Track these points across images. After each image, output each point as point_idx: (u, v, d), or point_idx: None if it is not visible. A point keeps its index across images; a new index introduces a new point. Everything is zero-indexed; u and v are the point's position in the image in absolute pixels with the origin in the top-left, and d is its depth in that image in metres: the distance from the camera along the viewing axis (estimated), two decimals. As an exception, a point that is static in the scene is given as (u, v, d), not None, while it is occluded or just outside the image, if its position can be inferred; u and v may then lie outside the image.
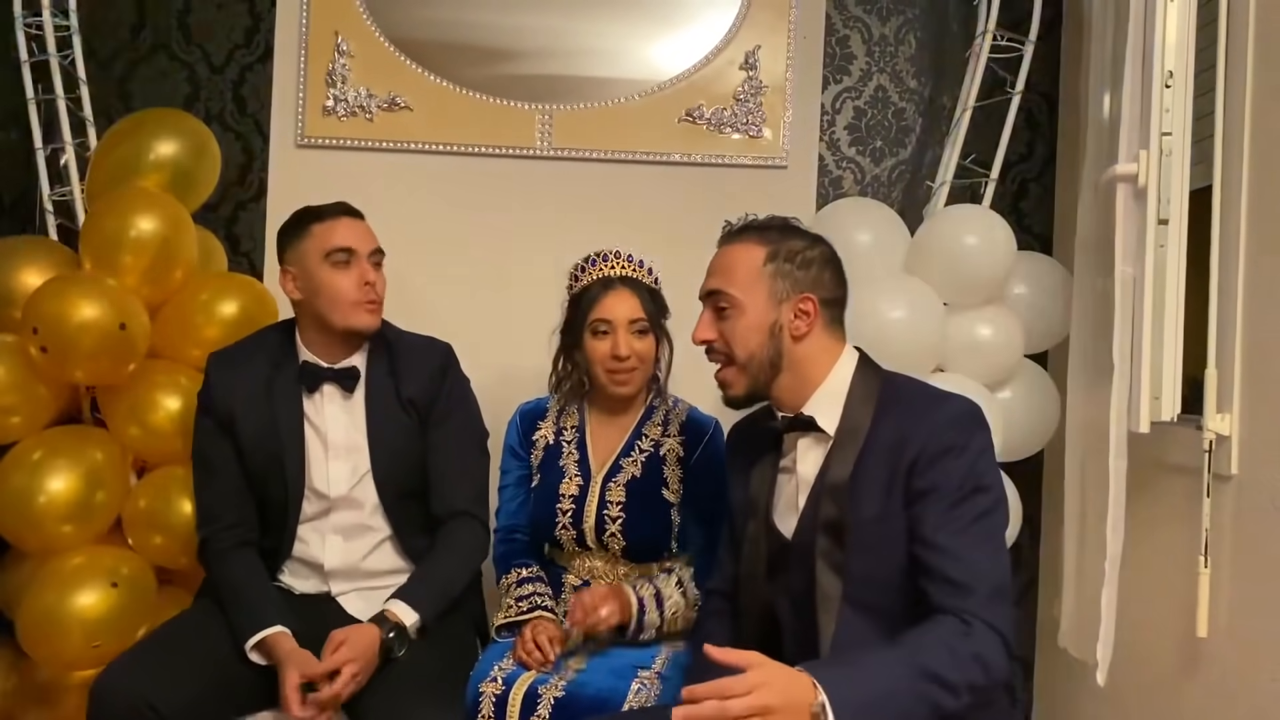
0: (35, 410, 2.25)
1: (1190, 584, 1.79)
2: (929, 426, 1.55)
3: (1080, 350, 2.11)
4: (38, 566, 2.21)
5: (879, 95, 2.77)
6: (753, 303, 1.64)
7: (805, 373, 1.65)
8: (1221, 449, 1.77)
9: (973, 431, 1.57)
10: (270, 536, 2.07)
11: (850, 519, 1.57)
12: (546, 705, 1.81)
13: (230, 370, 2.07)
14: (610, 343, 2.05)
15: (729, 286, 1.66)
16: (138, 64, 2.75)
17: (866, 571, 1.57)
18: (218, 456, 2.05)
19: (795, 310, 1.63)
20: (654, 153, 2.71)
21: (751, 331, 1.64)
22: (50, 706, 2.25)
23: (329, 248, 2.00)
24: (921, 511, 1.53)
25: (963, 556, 1.49)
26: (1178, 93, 1.79)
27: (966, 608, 1.46)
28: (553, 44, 2.73)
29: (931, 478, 1.53)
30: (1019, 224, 2.70)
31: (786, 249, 1.66)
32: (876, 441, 1.59)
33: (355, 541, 2.06)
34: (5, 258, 2.34)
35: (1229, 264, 1.78)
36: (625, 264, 2.11)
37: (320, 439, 2.06)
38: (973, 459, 1.54)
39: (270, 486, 2.05)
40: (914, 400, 1.63)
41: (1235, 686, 1.73)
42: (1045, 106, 2.74)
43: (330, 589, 2.07)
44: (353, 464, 2.05)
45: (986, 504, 1.54)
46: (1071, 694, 2.46)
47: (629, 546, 2.06)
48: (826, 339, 1.67)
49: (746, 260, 1.66)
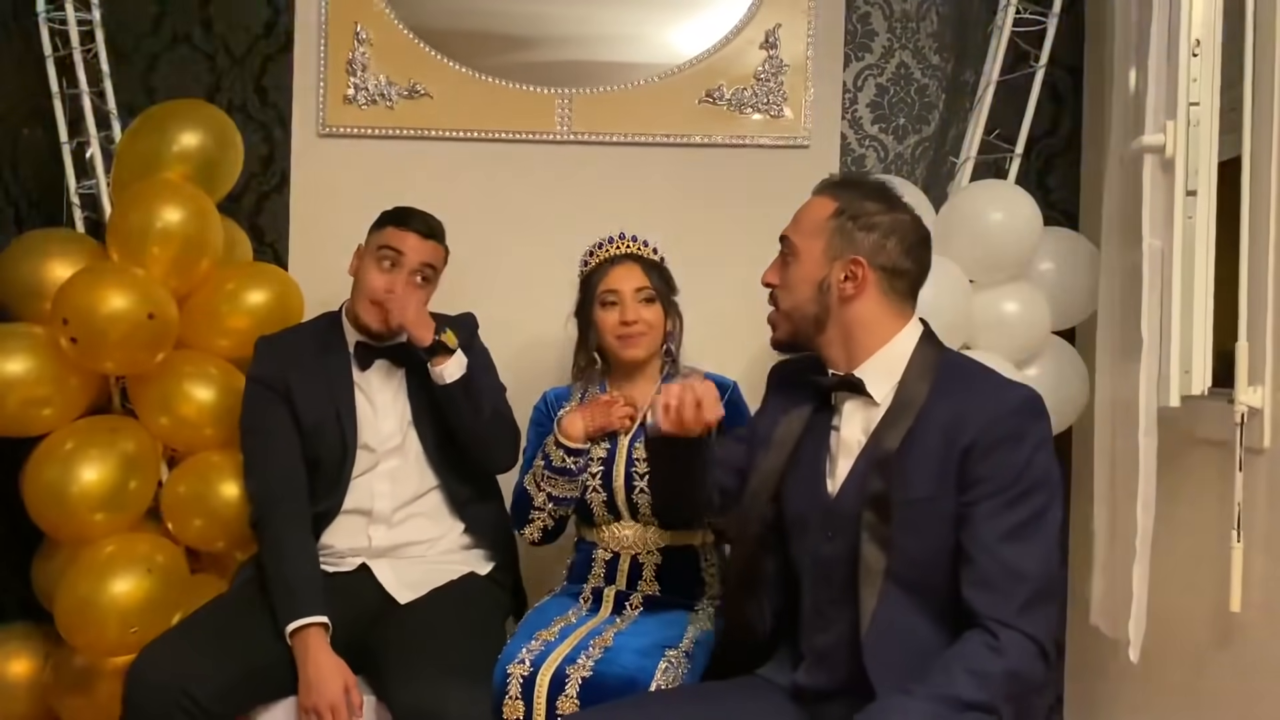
0: (67, 401, 2.28)
1: (1223, 559, 1.78)
2: (989, 412, 1.52)
3: (1108, 325, 2.09)
4: (72, 555, 2.24)
5: (901, 72, 2.75)
6: (808, 254, 1.64)
7: (857, 336, 1.63)
8: (1254, 422, 1.74)
9: (1033, 421, 1.54)
10: (323, 498, 2.14)
11: (898, 495, 1.55)
12: (574, 685, 1.82)
13: (281, 347, 2.21)
14: (618, 311, 2.12)
15: (793, 234, 1.68)
16: (160, 56, 2.77)
17: (911, 549, 1.55)
18: (277, 423, 2.14)
19: (846, 270, 1.61)
20: (674, 135, 2.70)
21: (802, 283, 1.65)
22: (87, 694, 2.28)
23: (381, 243, 2.16)
24: (973, 502, 1.51)
25: (1008, 560, 1.47)
26: (1205, 62, 1.76)
27: (1000, 616, 1.45)
28: (571, 30, 2.72)
29: (987, 467, 1.50)
30: (1045, 199, 2.67)
31: (857, 208, 1.63)
32: (931, 418, 1.56)
33: (402, 486, 2.18)
34: (34, 251, 2.37)
35: (1259, 235, 1.75)
36: (629, 243, 2.19)
37: (369, 400, 2.19)
38: (1030, 451, 1.51)
39: (323, 447, 2.15)
40: (975, 382, 1.60)
41: (1269, 661, 1.71)
42: (1070, 80, 2.70)
43: (367, 557, 2.14)
44: (399, 419, 2.19)
45: (1041, 502, 1.51)
46: (1104, 671, 2.45)
47: (657, 505, 2.08)
48: (882, 308, 1.63)
49: (816, 212, 1.66)
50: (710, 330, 2.37)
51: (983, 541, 1.49)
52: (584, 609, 2.10)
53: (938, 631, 1.55)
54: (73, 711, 2.31)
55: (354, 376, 2.19)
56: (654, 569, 2.13)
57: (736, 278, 2.68)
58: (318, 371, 2.17)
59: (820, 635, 1.65)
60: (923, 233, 1.67)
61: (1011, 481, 1.49)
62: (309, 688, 1.89)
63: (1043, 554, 1.50)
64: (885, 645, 1.54)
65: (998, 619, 1.45)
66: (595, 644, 1.92)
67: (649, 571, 2.13)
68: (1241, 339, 1.75)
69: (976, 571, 1.49)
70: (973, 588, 1.49)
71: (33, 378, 2.22)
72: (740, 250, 2.70)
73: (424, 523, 2.19)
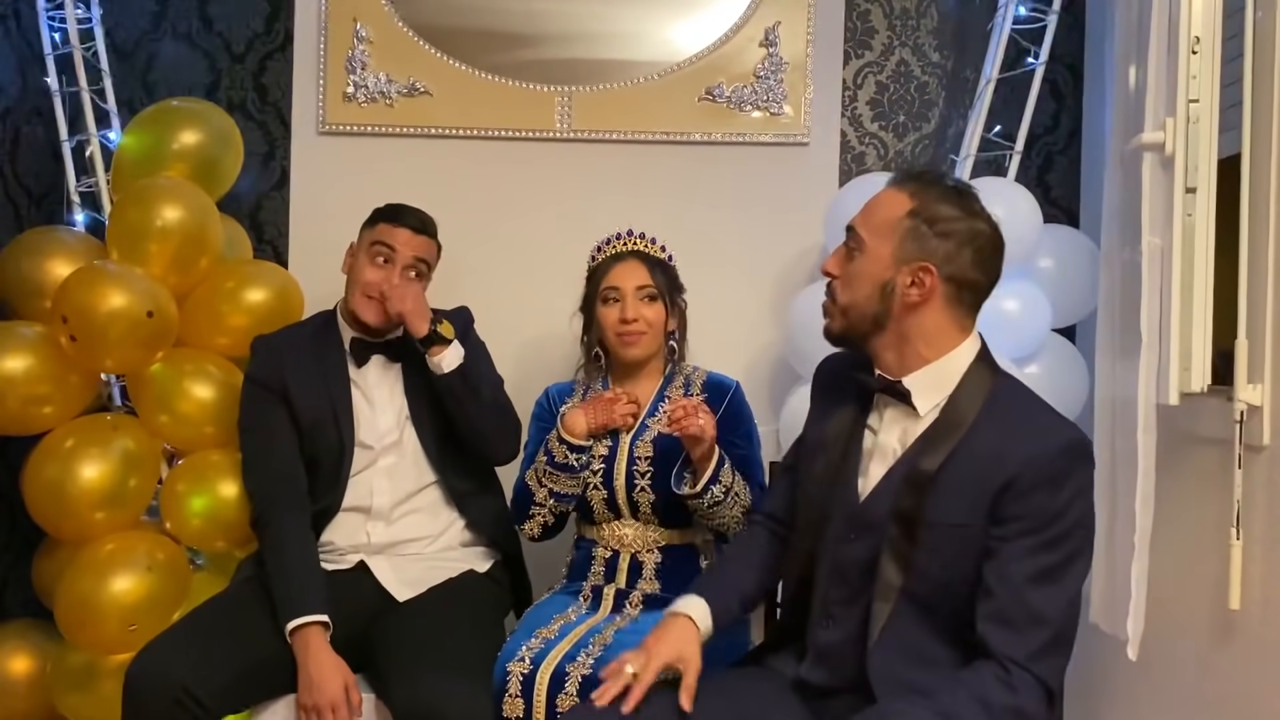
0: (67, 399, 2.29)
1: (1222, 556, 1.78)
2: (1033, 451, 1.46)
3: (1108, 323, 2.09)
4: (73, 553, 2.25)
5: (901, 69, 2.75)
6: (875, 252, 1.55)
7: (914, 344, 1.56)
8: (1253, 419, 1.75)
9: (1077, 466, 1.48)
10: (322, 496, 2.14)
11: (928, 517, 1.51)
12: (574, 683, 1.82)
13: (277, 346, 2.20)
14: (619, 309, 2.12)
15: (863, 227, 1.58)
16: (159, 54, 2.77)
17: (933, 572, 1.52)
18: (276, 422, 2.14)
19: (913, 276, 1.52)
20: (674, 132, 2.70)
21: (864, 280, 1.56)
22: (88, 691, 2.28)
23: (374, 239, 2.17)
24: (1005, 538, 1.46)
25: (1031, 603, 1.44)
26: (1204, 59, 1.76)
27: (1015, 656, 1.42)
28: (571, 28, 2.72)
29: (1024, 506, 1.45)
30: (1044, 197, 2.68)
31: (934, 212, 1.52)
32: (974, 444, 1.50)
33: (400, 482, 2.17)
34: (34, 249, 2.38)
35: (1259, 232, 1.75)
36: (636, 240, 2.19)
37: (366, 398, 2.19)
38: (1071, 496, 1.46)
39: (322, 445, 2.14)
40: (1024, 415, 1.53)
41: (1269, 658, 1.71)
42: (1070, 77, 2.70)
43: (366, 553, 2.14)
44: (396, 414, 2.19)
45: (1073, 547, 1.46)
46: (1103, 669, 2.45)
47: (657, 502, 2.09)
48: (946, 319, 1.55)
49: (891, 207, 1.55)
50: (709, 327, 2.36)
51: (1009, 579, 1.45)
52: (584, 607, 2.10)
53: (947, 652, 1.53)
54: (74, 709, 2.31)
55: (350, 373, 2.19)
56: (654, 567, 2.13)
57: (736, 275, 2.70)
58: (314, 370, 2.17)
59: (825, 633, 1.64)
60: (999, 243, 1.56)
61: (1046, 524, 1.44)
62: (309, 686, 1.89)
63: (1067, 600, 1.46)
64: (892, 658, 1.53)
65: (1013, 658, 1.42)
66: (595, 642, 1.92)
67: (649, 570, 2.13)
68: (1241, 336, 1.76)
69: (997, 607, 1.45)
70: (990, 622, 1.45)
71: (33, 376, 2.22)
72: (740, 248, 2.71)
73: (423, 519, 2.19)
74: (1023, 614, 1.44)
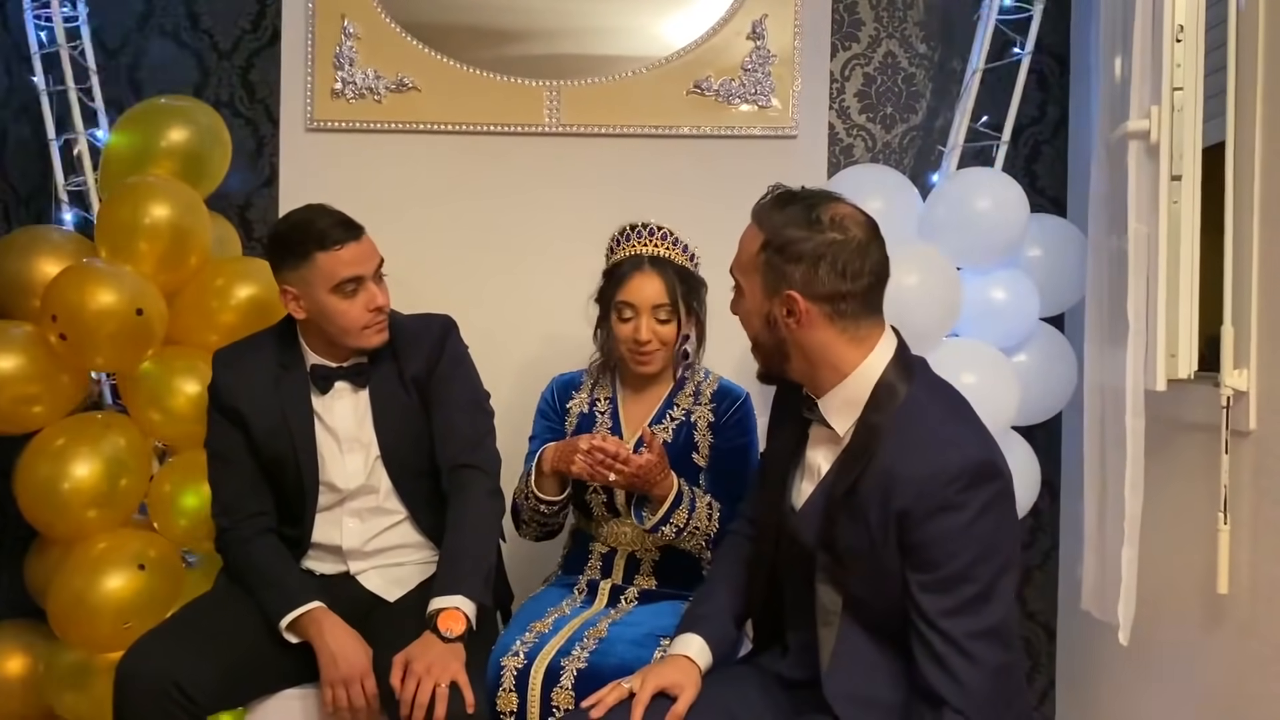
0: (57, 398, 2.28)
1: (1210, 541, 1.79)
2: (924, 476, 1.42)
3: (1096, 311, 2.10)
4: (66, 552, 2.25)
5: (888, 61, 2.75)
6: (750, 290, 1.56)
7: (820, 367, 1.54)
8: (1239, 405, 1.76)
9: (972, 491, 1.41)
10: (289, 527, 2.07)
11: (842, 544, 1.51)
12: (569, 677, 1.82)
13: (236, 368, 2.05)
14: (633, 326, 2.08)
15: (735, 269, 1.60)
16: (146, 52, 2.76)
17: (865, 594, 1.52)
18: (232, 449, 2.03)
19: (785, 305, 1.51)
20: (662, 126, 2.70)
21: (751, 318, 1.58)
22: (81, 689, 2.28)
23: (337, 280, 1.94)
24: (917, 568, 1.43)
25: (960, 643, 1.40)
26: (1188, 47, 1.77)
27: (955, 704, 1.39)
28: (559, 23, 2.71)
29: (924, 534, 1.42)
30: (1032, 186, 2.69)
31: (781, 239, 1.50)
32: (874, 468, 1.47)
33: (371, 522, 2.08)
34: (23, 248, 2.37)
35: (1243, 219, 1.76)
36: (659, 242, 2.11)
37: (332, 436, 2.05)
38: (971, 518, 1.40)
39: (285, 481, 2.04)
40: (925, 432, 1.47)
41: (1258, 642, 1.73)
42: (1056, 67, 2.71)
43: (349, 568, 2.09)
44: (364, 454, 2.06)
45: (988, 576, 1.41)
46: (1095, 655, 2.46)
47: None
48: (834, 335, 1.51)
49: (749, 244, 1.57)
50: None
51: (928, 616, 1.42)
52: (578, 600, 2.10)
53: (903, 663, 1.51)
54: (68, 707, 2.31)
55: (314, 404, 2.04)
56: (651, 564, 2.12)
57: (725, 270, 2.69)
58: (272, 402, 2.02)
59: (796, 634, 1.66)
60: (860, 241, 1.50)
61: (952, 554, 1.40)
62: (333, 661, 1.83)
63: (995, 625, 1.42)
64: (845, 678, 1.54)
65: (953, 706, 1.39)
66: (590, 635, 1.92)
67: (646, 566, 2.12)
68: (1227, 323, 1.77)
69: (927, 647, 1.42)
70: (926, 662, 1.42)
71: (23, 375, 2.22)
72: (729, 241, 2.69)
73: (398, 546, 2.10)
74: (953, 654, 1.40)
